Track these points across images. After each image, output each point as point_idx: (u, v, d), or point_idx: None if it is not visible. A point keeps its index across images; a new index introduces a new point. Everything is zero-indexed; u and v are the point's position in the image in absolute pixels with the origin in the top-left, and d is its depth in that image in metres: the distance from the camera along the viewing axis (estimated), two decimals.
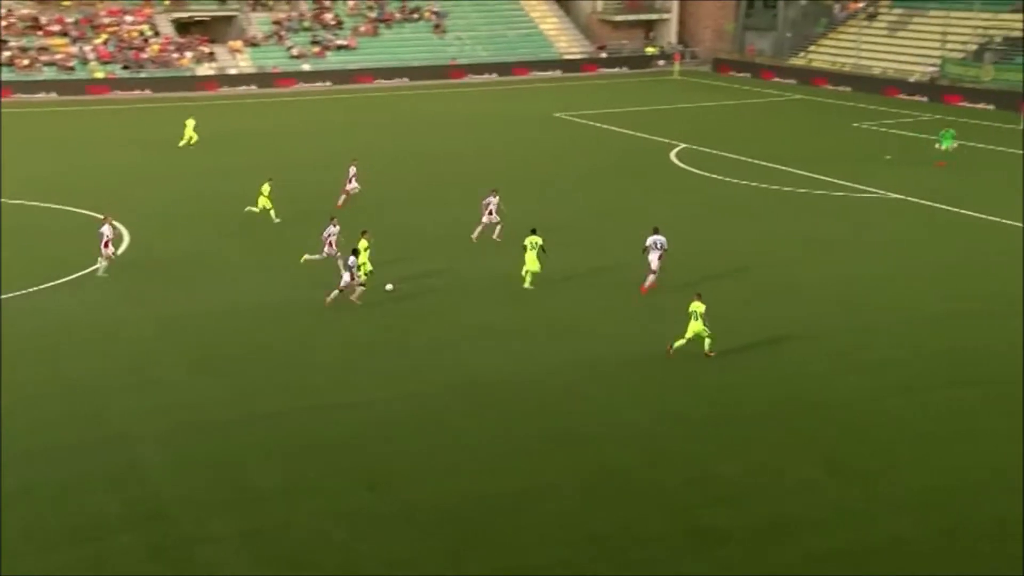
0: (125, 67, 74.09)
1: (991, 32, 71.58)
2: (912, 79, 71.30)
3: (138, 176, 45.98)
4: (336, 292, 28.32)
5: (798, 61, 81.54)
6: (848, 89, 73.09)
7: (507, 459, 20.43)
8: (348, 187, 39.60)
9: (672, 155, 50.55)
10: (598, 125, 59.84)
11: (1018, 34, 70.20)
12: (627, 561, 17.16)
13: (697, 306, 24.99)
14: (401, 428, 21.74)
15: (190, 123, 52.80)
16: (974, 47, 71.41)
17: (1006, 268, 32.32)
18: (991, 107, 63.30)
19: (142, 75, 73.66)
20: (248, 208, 37.39)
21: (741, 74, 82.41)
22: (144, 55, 75.32)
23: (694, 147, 52.30)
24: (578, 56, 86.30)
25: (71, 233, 36.07)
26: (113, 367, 24.72)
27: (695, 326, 24.83)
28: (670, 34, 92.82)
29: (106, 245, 30.70)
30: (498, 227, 34.43)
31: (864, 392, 23.39)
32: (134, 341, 26.37)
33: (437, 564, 17.08)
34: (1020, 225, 36.69)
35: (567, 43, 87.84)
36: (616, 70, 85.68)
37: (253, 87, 75.13)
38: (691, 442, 21.12)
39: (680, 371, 24.59)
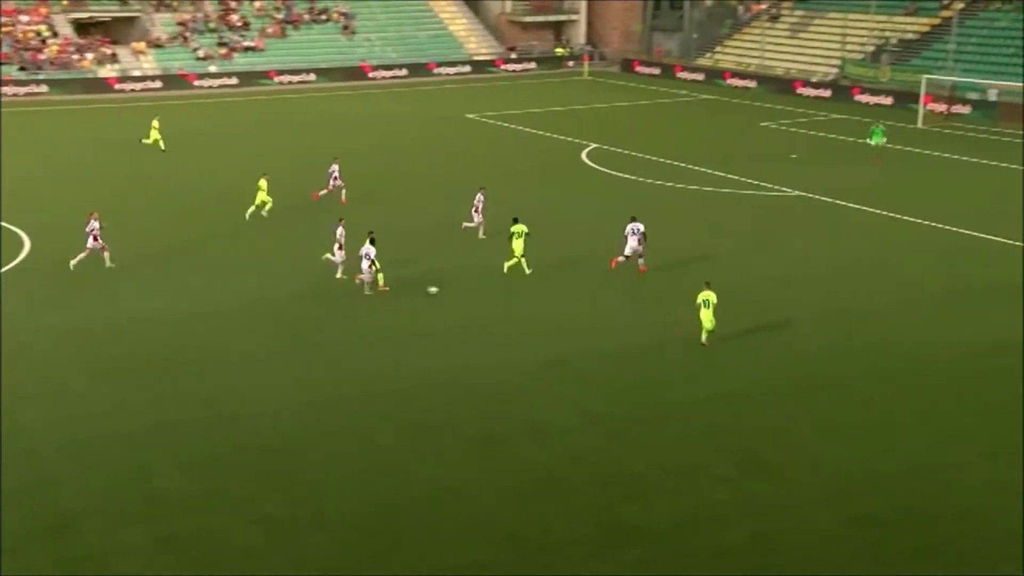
0: (22, 68, 72.01)
1: (887, 34, 73.70)
2: (815, 79, 72.96)
3: (39, 180, 44.71)
4: (364, 281, 29.30)
5: (705, 62, 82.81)
6: (754, 88, 74.49)
7: (423, 462, 20.34)
8: (331, 184, 40.20)
9: (583, 155, 50.91)
10: (509, 126, 59.98)
11: (911, 36, 72.47)
12: (544, 561, 17.21)
13: (707, 295, 25.47)
14: (315, 434, 21.51)
15: (155, 123, 51.53)
16: (871, 48, 73.41)
17: (909, 263, 33.25)
18: (890, 105, 65.06)
19: (40, 76, 71.65)
20: (250, 209, 37.31)
21: (650, 74, 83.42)
22: (42, 56, 73.30)
23: (605, 147, 52.75)
24: (488, 57, 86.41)
25: None
26: (19, 378, 24.00)
27: (706, 315, 25.41)
28: (579, 35, 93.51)
29: (95, 239, 31.26)
30: (481, 226, 35.21)
31: (777, 388, 23.81)
32: (40, 351, 25.64)
33: (354, 569, 16.93)
34: (922, 222, 37.75)
35: (477, 44, 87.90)
36: (526, 71, 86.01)
37: (159, 88, 73.70)
38: (609, 441, 21.27)
39: (598, 370, 24.78)
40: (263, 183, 37.73)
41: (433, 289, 29.34)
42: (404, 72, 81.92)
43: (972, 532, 17.76)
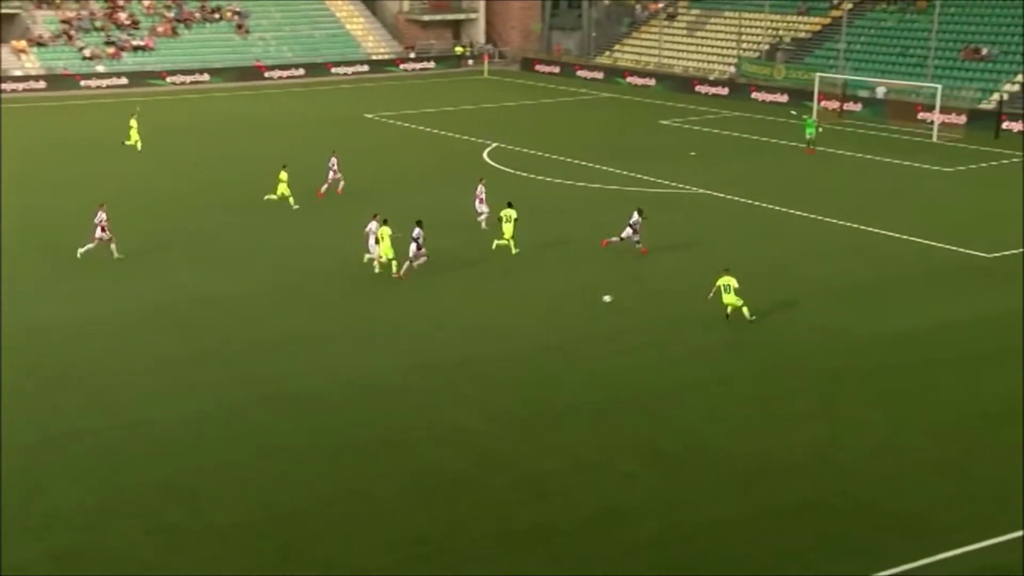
0: None
1: (781, 33, 75.52)
2: (712, 77, 74.34)
3: None
4: (408, 264, 30.80)
5: (604, 60, 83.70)
6: (653, 87, 75.57)
7: (327, 465, 20.21)
8: (330, 177, 41.02)
9: (485, 154, 51.04)
10: (409, 126, 59.80)
11: (804, 35, 74.40)
12: (452, 562, 17.25)
13: (727, 280, 27.24)
14: (214, 441, 21.21)
15: (133, 123, 50.73)
16: (766, 47, 75.14)
17: (805, 258, 34.10)
18: (786, 103, 66.63)
19: None
20: (267, 196, 38.65)
21: (550, 73, 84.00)
22: None
23: (506, 146, 52.95)
24: (386, 56, 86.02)
25: None
26: None
27: (729, 298, 27.12)
28: (478, 34, 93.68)
29: (103, 229, 32.32)
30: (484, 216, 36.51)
31: (679, 383, 24.22)
32: None
33: None
34: (819, 218, 38.75)
35: (375, 43, 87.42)
36: (425, 70, 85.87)
37: (42, 89, 71.63)
38: (515, 441, 21.40)
39: (505, 370, 24.90)
40: (283, 175, 38.90)
41: (607, 298, 29.26)
42: (301, 72, 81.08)
43: (870, 522, 18.31)
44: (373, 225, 31.50)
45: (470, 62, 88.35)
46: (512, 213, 33.50)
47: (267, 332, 27.17)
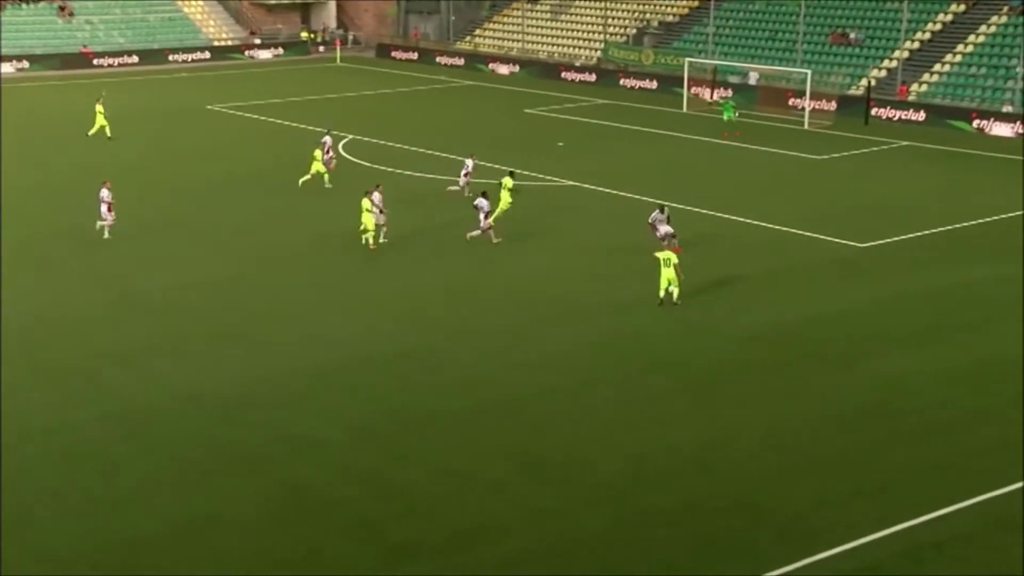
0: None
1: (648, 16, 77.08)
2: (578, 63, 75.34)
3: None
4: (477, 232, 34.30)
5: (464, 45, 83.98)
6: (517, 74, 76.14)
7: (175, 488, 19.78)
8: (326, 158, 42.62)
9: (340, 148, 50.63)
10: (256, 117, 58.89)
11: (672, 19, 76.09)
12: None
13: (666, 255, 28.75)
14: (44, 464, 20.52)
15: (99, 108, 50.45)
16: (633, 31, 76.56)
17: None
18: (655, 90, 67.99)
19: None
20: (302, 179, 41.34)
21: (407, 60, 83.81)
22: None
23: (363, 138, 52.65)
24: (230, 43, 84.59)
25: None
26: None
27: (668, 273, 28.35)
28: (329, 18, 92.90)
29: (109, 209, 34.50)
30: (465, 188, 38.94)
31: (549, 386, 24.46)
32: None
33: None
34: (697, 210, 39.66)
35: (216, 28, 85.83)
36: (272, 57, 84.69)
37: None
38: (377, 452, 21.31)
39: (363, 377, 24.78)
40: (318, 153, 41.82)
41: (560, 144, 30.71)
42: (135, 59, 79.09)
43: (750, 524, 18.83)
44: (377, 195, 34.30)
45: (321, 48, 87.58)
46: (509, 182, 36.50)
47: (103, 345, 26.43)
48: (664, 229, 33.35)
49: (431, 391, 24.20)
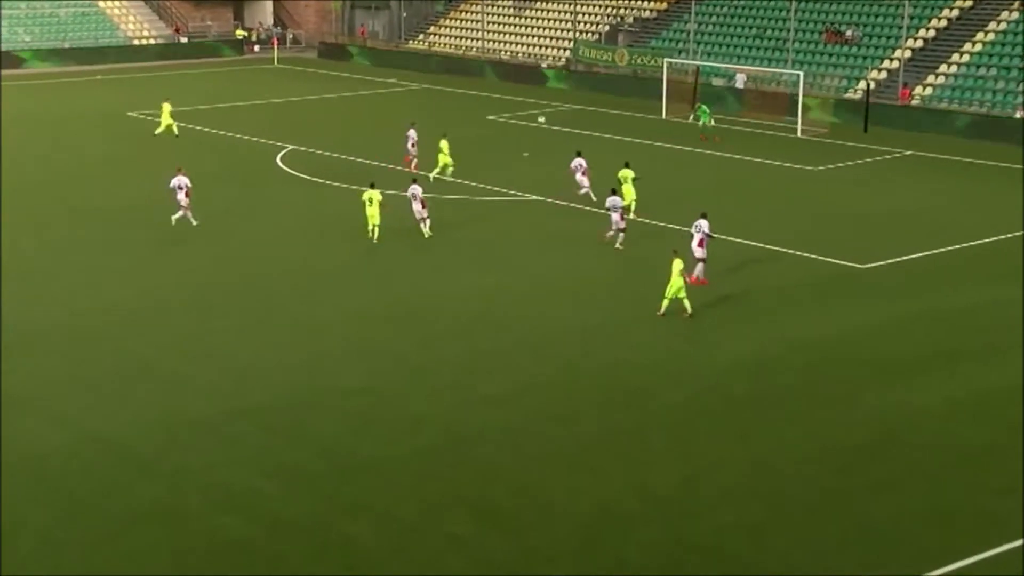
0: None
1: (622, 12, 77.59)
2: (545, 64, 75.66)
3: None
4: (612, 232, 36.48)
5: (417, 45, 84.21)
6: (477, 76, 76.33)
7: (78, 545, 19.58)
8: (412, 151, 47.55)
9: (278, 159, 50.56)
10: (184, 125, 58.59)
11: (648, 15, 76.57)
12: None
13: (678, 262, 30.05)
14: None
15: (166, 107, 52.75)
16: (606, 28, 77.02)
17: (650, 272, 34.89)
18: (630, 93, 68.24)
19: None
20: (433, 174, 44.56)
21: (352, 61, 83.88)
22: None
23: (304, 149, 52.59)
24: (152, 41, 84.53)
25: None
26: None
27: (676, 282, 29.77)
28: (265, 15, 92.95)
29: (187, 195, 38.07)
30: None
31: (508, 423, 24.41)
32: None
33: None
34: (659, 224, 39.81)
35: (137, 25, 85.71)
36: (202, 59, 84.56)
37: None
38: (314, 501, 21.15)
39: (296, 418, 24.64)
40: (444, 144, 45.26)
41: (542, 119, 31.02)
42: (44, 63, 78.66)
43: (719, 570, 18.86)
44: (417, 189, 37.51)
45: (256, 48, 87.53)
46: (630, 174, 40.01)
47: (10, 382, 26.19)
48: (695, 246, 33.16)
49: (375, 432, 24.07)
